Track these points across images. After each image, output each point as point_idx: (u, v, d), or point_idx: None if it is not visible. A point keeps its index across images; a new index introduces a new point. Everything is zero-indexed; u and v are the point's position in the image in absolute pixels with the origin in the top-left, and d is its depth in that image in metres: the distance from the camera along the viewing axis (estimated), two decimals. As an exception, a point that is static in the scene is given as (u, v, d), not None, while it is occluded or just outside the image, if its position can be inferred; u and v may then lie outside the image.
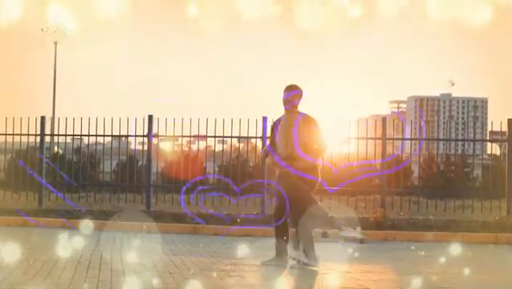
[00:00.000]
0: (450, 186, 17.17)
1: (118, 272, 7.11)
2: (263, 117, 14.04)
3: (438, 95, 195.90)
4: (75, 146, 18.87)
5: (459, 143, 19.46)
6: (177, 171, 15.33)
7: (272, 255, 8.16)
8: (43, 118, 15.22)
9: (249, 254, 8.98)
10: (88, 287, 6.17)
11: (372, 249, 8.68)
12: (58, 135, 16.66)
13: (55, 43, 56.66)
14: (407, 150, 15.74)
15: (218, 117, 14.64)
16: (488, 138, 17.57)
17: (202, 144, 15.91)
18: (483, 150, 22.31)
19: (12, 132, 15.29)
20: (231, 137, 14.93)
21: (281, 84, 8.25)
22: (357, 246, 8.04)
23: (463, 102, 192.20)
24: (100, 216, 12.79)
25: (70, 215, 12.93)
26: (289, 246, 8.13)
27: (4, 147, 16.23)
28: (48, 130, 16.82)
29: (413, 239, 11.53)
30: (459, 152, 20.83)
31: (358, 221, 9.86)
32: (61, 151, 21.76)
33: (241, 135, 14.74)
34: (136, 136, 15.11)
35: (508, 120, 14.05)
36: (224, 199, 15.57)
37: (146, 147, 15.04)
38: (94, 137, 15.59)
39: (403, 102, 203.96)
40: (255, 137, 14.68)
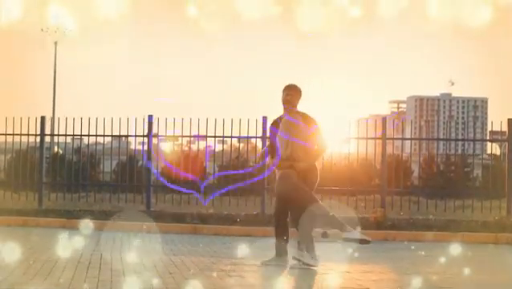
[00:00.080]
0: (450, 186, 17.16)
1: (118, 272, 7.11)
2: (263, 117, 14.06)
3: (438, 95, 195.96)
4: (75, 146, 18.89)
5: (459, 143, 19.45)
6: (177, 171, 15.32)
7: (272, 255, 8.16)
8: (43, 118, 15.23)
9: (249, 254, 8.97)
10: (88, 287, 6.17)
11: (372, 249, 8.67)
12: (58, 135, 16.66)
13: (55, 43, 56.65)
14: (407, 150, 15.73)
15: (218, 117, 14.68)
16: (488, 138, 17.53)
17: (202, 144, 15.91)
18: (483, 150, 22.31)
19: (12, 132, 15.30)
20: (231, 137, 14.94)
21: (281, 84, 8.25)
22: (357, 246, 8.04)
23: (463, 102, 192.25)
24: (100, 216, 12.80)
25: (70, 215, 12.92)
26: (289, 246, 8.13)
27: (4, 147, 16.22)
28: (48, 130, 16.80)
29: (413, 239, 11.53)
30: (459, 152, 20.83)
31: (358, 221, 9.85)
32: (61, 151, 21.76)
33: (241, 135, 14.75)
34: (136, 136, 15.12)
35: (508, 120, 14.06)
36: (224, 199, 15.59)
37: (146, 147, 15.05)
38: (94, 137, 15.60)
39: (403, 102, 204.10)
40: (255, 137, 14.69)
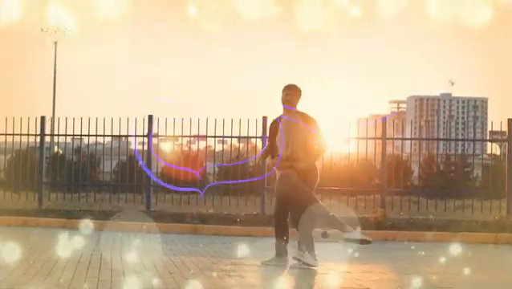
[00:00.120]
0: (450, 186, 17.16)
1: (118, 272, 7.11)
2: (263, 117, 14.06)
3: (438, 95, 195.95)
4: (75, 146, 18.88)
5: (459, 143, 19.44)
6: (177, 171, 15.33)
7: (272, 255, 8.16)
8: (43, 118, 15.22)
9: (249, 254, 8.97)
10: (88, 287, 6.17)
11: (372, 249, 8.67)
12: (58, 135, 16.65)
13: (55, 43, 56.65)
14: (407, 150, 15.73)
15: (218, 117, 14.67)
16: (488, 138, 17.52)
17: (202, 144, 15.91)
18: (483, 150, 22.32)
19: (12, 132, 15.30)
20: (231, 137, 14.93)
21: (281, 84, 8.24)
22: (357, 246, 8.04)
23: (463, 102, 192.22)
24: (100, 216, 12.80)
25: (70, 215, 12.92)
26: (289, 246, 8.13)
27: (4, 147, 16.22)
28: (48, 130, 16.80)
29: (413, 239, 11.52)
30: (459, 152, 20.82)
31: (358, 221, 9.85)
32: (61, 151, 21.76)
33: (241, 135, 14.75)
34: (136, 136, 15.11)
35: (508, 120, 14.06)
36: (224, 199, 15.59)
37: (146, 147, 15.05)
38: (94, 137, 15.60)
39: (403, 102, 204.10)
40: (255, 137, 14.69)
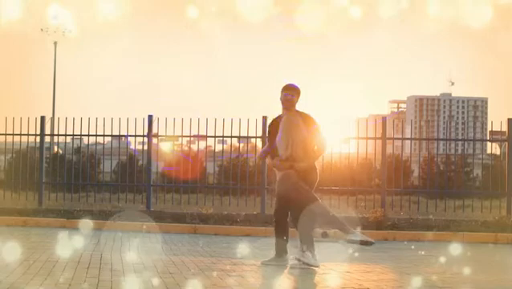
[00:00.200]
0: (450, 186, 17.16)
1: (118, 272, 7.12)
2: (263, 117, 14.07)
3: (438, 95, 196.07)
4: (75, 146, 18.89)
5: (459, 143, 19.45)
6: (177, 171, 15.33)
7: (272, 255, 8.16)
8: (43, 118, 15.22)
9: (249, 254, 8.98)
10: (88, 287, 6.17)
11: (372, 249, 8.66)
12: (58, 135, 16.64)
13: (55, 43, 56.63)
14: (407, 150, 15.72)
15: (218, 117, 14.68)
16: (488, 138, 17.51)
17: (202, 144, 15.91)
18: (483, 150, 22.32)
19: (12, 132, 15.30)
20: (231, 137, 14.93)
21: (281, 84, 8.25)
22: (357, 246, 8.04)
23: (463, 102, 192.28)
24: (100, 216, 12.80)
25: (70, 215, 12.92)
26: (289, 246, 8.13)
27: (4, 147, 16.22)
28: (48, 130, 16.77)
29: (413, 239, 11.53)
30: (459, 151, 20.82)
31: (358, 221, 9.85)
32: (61, 151, 21.77)
33: (241, 135, 14.76)
34: (136, 136, 15.11)
35: (508, 120, 14.06)
36: (224, 199, 15.60)
37: (146, 147, 15.05)
38: (94, 137, 15.60)
39: (403, 102, 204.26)
40: (255, 137, 14.69)
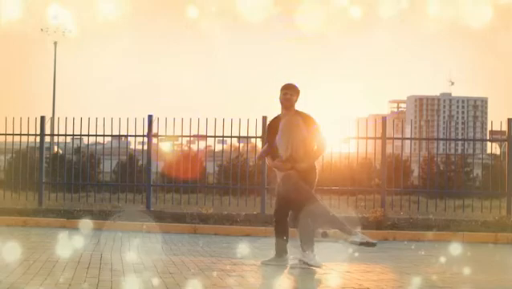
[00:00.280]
0: (450, 186, 17.16)
1: (118, 272, 7.12)
2: (263, 117, 14.06)
3: (438, 94, 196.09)
4: (75, 146, 18.88)
5: (459, 142, 19.45)
6: (177, 171, 15.33)
7: (272, 255, 8.16)
8: (43, 118, 15.22)
9: (249, 254, 8.98)
10: (88, 287, 6.17)
11: (372, 249, 8.65)
12: (58, 135, 16.63)
13: (55, 43, 56.61)
14: (407, 150, 15.71)
15: (218, 117, 14.68)
16: (488, 138, 17.52)
17: (202, 144, 15.90)
18: (483, 149, 22.32)
19: (12, 132, 15.30)
20: (231, 137, 14.93)
21: (281, 84, 8.25)
22: (357, 246, 8.04)
23: (463, 102, 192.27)
24: (100, 216, 12.79)
25: (70, 215, 12.92)
26: (289, 246, 8.13)
27: (4, 147, 16.21)
28: (48, 130, 16.77)
29: (413, 239, 11.52)
30: (459, 151, 20.81)
31: (358, 220, 9.84)
32: (61, 151, 21.76)
33: (241, 135, 14.76)
34: (136, 136, 15.11)
35: (508, 120, 14.05)
36: (224, 199, 15.60)
37: (146, 147, 15.04)
38: (94, 137, 15.59)
39: (403, 102, 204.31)
40: (255, 137, 14.69)
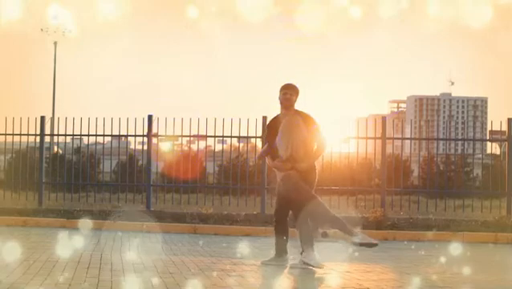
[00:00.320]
0: (450, 186, 17.15)
1: (118, 272, 7.12)
2: (263, 117, 14.06)
3: (438, 94, 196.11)
4: (75, 146, 18.88)
5: (459, 142, 19.44)
6: (177, 171, 15.33)
7: (272, 255, 8.16)
8: (43, 118, 15.22)
9: (249, 254, 8.98)
10: (88, 287, 6.17)
11: (372, 248, 8.66)
12: (58, 135, 16.64)
13: (55, 43, 56.65)
14: (407, 150, 15.70)
15: (218, 117, 14.67)
16: (488, 137, 17.51)
17: (202, 144, 15.90)
18: (483, 149, 22.32)
19: (12, 132, 15.30)
20: (231, 137, 14.93)
21: (280, 84, 8.25)
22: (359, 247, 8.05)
23: (463, 101, 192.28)
24: (100, 216, 12.80)
25: (70, 215, 12.92)
26: (289, 246, 8.13)
27: (4, 147, 16.21)
28: (48, 130, 16.77)
29: (413, 239, 11.53)
30: (459, 151, 20.79)
31: (358, 220, 9.84)
32: (61, 151, 21.76)
33: (241, 135, 14.75)
34: (136, 136, 15.11)
35: (508, 120, 14.05)
36: (224, 199, 15.60)
37: (146, 147, 15.05)
38: (94, 137, 15.59)
39: (403, 102, 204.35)
40: (255, 137, 14.69)
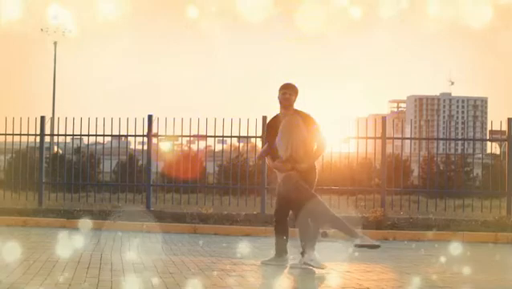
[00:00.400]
0: (450, 185, 17.15)
1: (118, 272, 7.12)
2: (263, 117, 14.06)
3: (438, 94, 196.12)
4: (75, 146, 18.88)
5: (459, 142, 19.44)
6: (177, 171, 15.33)
7: (272, 255, 8.16)
8: (43, 118, 15.22)
9: (249, 254, 8.98)
10: (88, 287, 6.17)
11: (373, 249, 8.67)
12: (58, 135, 16.63)
13: (55, 43, 56.66)
14: (407, 149, 15.69)
15: (218, 117, 14.67)
16: (488, 137, 17.51)
17: (202, 144, 15.90)
18: (483, 149, 22.33)
19: (12, 132, 15.30)
20: (231, 137, 14.93)
21: (280, 84, 8.24)
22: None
23: (463, 101, 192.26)
24: (100, 216, 12.80)
25: (70, 215, 12.92)
26: (289, 246, 8.13)
27: (4, 147, 16.21)
28: (48, 130, 16.76)
29: (413, 238, 11.53)
30: (459, 151, 20.78)
31: (358, 220, 9.85)
32: (61, 151, 21.76)
33: (241, 135, 14.75)
34: (136, 136, 15.11)
35: (508, 119, 14.05)
36: (224, 199, 15.59)
37: (146, 147, 15.05)
38: (94, 137, 15.59)
39: (403, 101, 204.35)
40: (255, 137, 14.69)
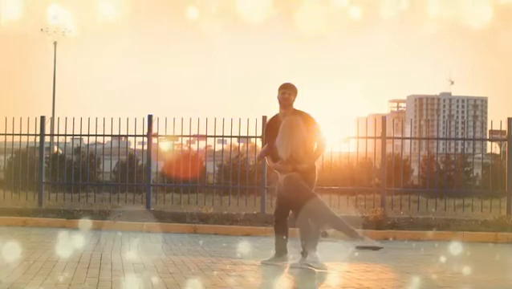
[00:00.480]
0: (450, 185, 17.15)
1: (118, 272, 7.12)
2: (263, 117, 14.06)
3: (438, 94, 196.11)
4: (75, 146, 18.88)
5: (459, 142, 19.43)
6: (177, 171, 15.33)
7: (272, 255, 8.16)
8: (43, 118, 15.22)
9: (249, 254, 8.98)
10: (88, 287, 6.17)
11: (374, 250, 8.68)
12: (58, 135, 16.64)
13: (55, 43, 56.63)
14: (407, 149, 15.69)
15: (218, 117, 14.67)
16: (488, 137, 17.51)
17: (202, 144, 15.90)
18: (483, 149, 22.33)
19: (12, 132, 15.30)
20: (231, 137, 14.93)
21: (280, 84, 8.24)
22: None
23: (463, 101, 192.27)
24: (100, 216, 12.80)
25: (70, 215, 12.92)
26: (289, 245, 8.13)
27: (4, 147, 16.21)
28: (48, 130, 16.77)
29: (413, 238, 11.53)
30: (459, 151, 20.78)
31: (358, 220, 9.85)
32: (61, 151, 21.76)
33: (241, 135, 14.75)
34: (136, 136, 15.11)
35: (508, 119, 14.05)
36: (224, 199, 15.60)
37: (146, 147, 15.05)
38: (94, 137, 15.59)
39: (403, 101, 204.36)
40: (255, 137, 14.69)
